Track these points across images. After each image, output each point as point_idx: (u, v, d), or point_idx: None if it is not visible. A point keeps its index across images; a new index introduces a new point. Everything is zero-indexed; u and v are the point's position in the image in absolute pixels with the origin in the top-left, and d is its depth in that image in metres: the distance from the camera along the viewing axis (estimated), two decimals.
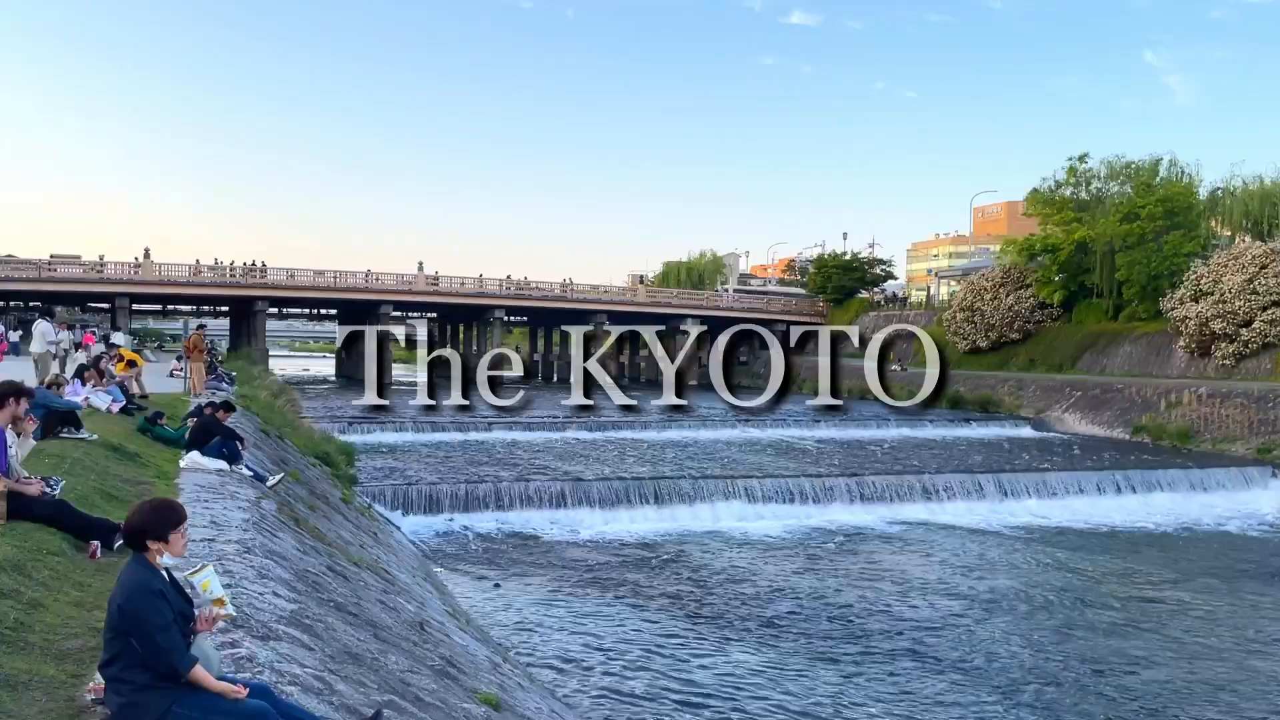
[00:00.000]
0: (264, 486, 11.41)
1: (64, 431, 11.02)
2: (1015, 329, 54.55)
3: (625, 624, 13.56)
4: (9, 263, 57.48)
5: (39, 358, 19.21)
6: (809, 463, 27.76)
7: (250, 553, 7.50)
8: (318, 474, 18.26)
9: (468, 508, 20.71)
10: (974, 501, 23.83)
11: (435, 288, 65.03)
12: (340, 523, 14.02)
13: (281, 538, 9.10)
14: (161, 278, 57.77)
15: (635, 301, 73.51)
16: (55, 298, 59.92)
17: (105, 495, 8.40)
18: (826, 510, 22.35)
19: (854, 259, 77.37)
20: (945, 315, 59.98)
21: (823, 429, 36.96)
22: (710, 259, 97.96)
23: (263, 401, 25.14)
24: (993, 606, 15.21)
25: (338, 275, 62.24)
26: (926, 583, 16.68)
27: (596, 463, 26.32)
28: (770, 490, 22.89)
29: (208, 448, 11.54)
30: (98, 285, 57.22)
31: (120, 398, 15.35)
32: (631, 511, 21.21)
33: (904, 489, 23.97)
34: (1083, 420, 40.61)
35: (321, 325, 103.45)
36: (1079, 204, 54.16)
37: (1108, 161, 54.18)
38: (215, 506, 9.13)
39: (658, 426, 35.86)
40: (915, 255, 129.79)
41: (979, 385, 48.90)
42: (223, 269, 60.07)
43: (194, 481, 10.42)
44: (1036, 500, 24.28)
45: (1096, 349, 49.82)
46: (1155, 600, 16.15)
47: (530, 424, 34.74)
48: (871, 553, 18.99)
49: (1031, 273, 55.50)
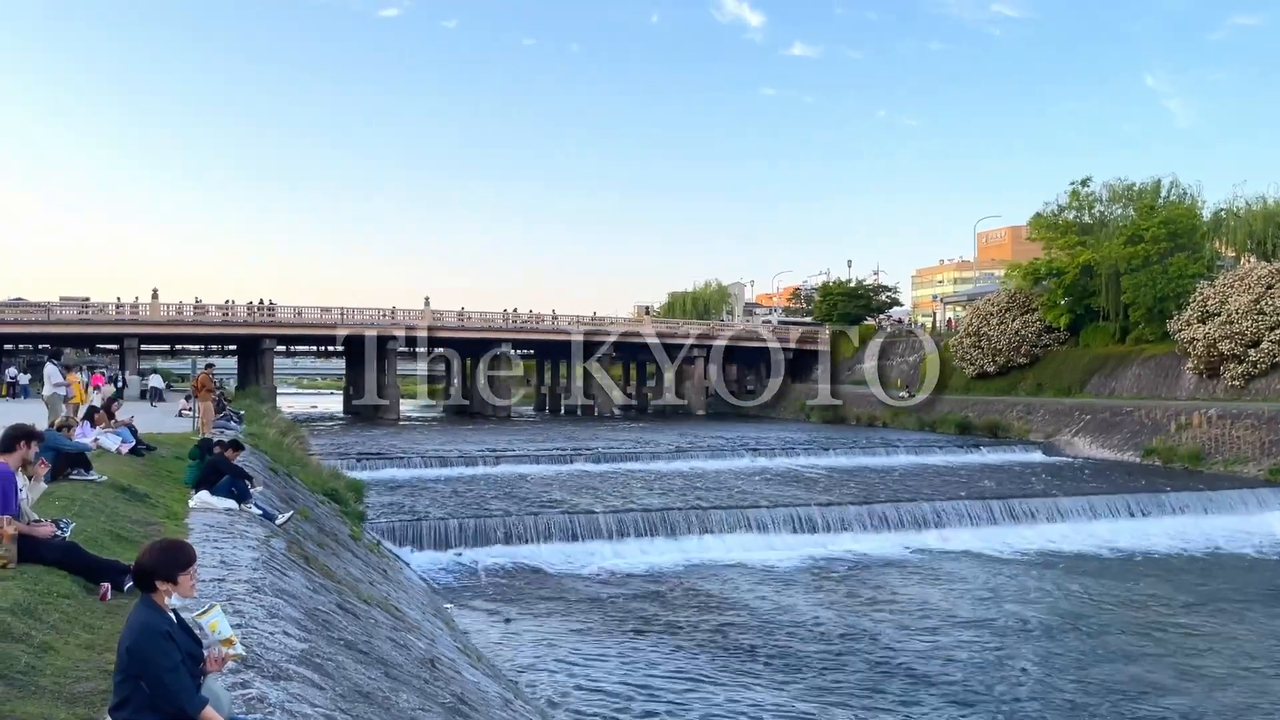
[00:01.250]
0: (273, 525, 11.40)
1: (74, 473, 11.04)
2: (1022, 353, 54.46)
3: (637, 659, 13.46)
4: (18, 305, 57.87)
5: (48, 400, 19.28)
6: (819, 491, 27.64)
7: (260, 592, 7.48)
8: (326, 511, 18.23)
9: (477, 542, 20.65)
10: (985, 528, 23.70)
11: (441, 323, 65.22)
12: (349, 560, 13.99)
13: (291, 576, 9.09)
14: (169, 318, 58.08)
15: (641, 332, 73.57)
16: (64, 340, 60.25)
17: (115, 537, 8.40)
18: (838, 539, 22.24)
19: (859, 286, 77.58)
20: (951, 341, 59.94)
21: (831, 457, 36.84)
22: (715, 289, 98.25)
23: (271, 439, 25.15)
24: (1008, 634, 15.09)
25: (344, 312, 62.50)
26: (940, 611, 16.56)
27: (605, 495, 26.24)
28: (781, 520, 22.79)
29: (217, 487, 11.55)
30: (106, 327, 57.52)
31: (130, 439, 15.39)
32: (641, 543, 21.12)
33: (915, 516, 23.84)
34: (1093, 444, 40.43)
35: (329, 362, 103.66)
36: (1082, 227, 54.25)
37: (1110, 185, 54.40)
38: (225, 546, 9.12)
39: (666, 458, 35.78)
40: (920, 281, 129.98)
41: (987, 410, 48.73)
42: (230, 308, 60.34)
43: (203, 521, 10.42)
44: (1048, 525, 24.14)
45: (1104, 372, 49.68)
46: (1170, 625, 15.99)
47: (538, 457, 34.70)
48: (884, 581, 18.87)
49: (1037, 297, 55.51)
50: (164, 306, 58.04)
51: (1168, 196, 52.04)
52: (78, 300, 61.03)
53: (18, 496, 6.93)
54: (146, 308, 57.59)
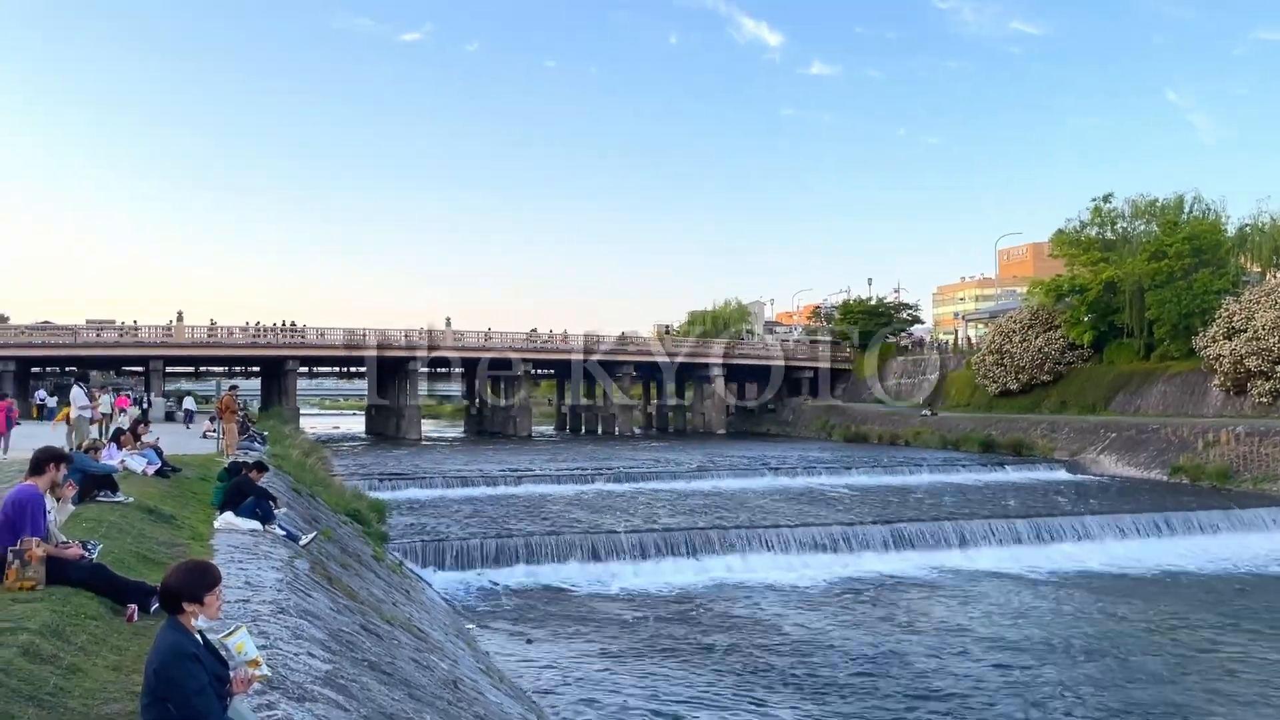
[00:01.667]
0: (297, 546, 11.45)
1: (101, 495, 11.14)
2: (1046, 370, 54.09)
3: (660, 681, 13.37)
4: (45, 329, 58.58)
5: (74, 423, 19.48)
6: (841, 511, 27.47)
7: (285, 613, 7.51)
8: (349, 532, 18.29)
9: (499, 562, 20.63)
10: (1011, 547, 23.45)
11: (462, 343, 65.50)
12: (372, 580, 14.02)
13: (315, 597, 9.11)
14: (193, 340, 58.66)
15: (661, 351, 73.58)
16: (90, 362, 60.94)
17: (141, 558, 8.46)
18: (861, 559, 22.07)
19: (879, 304, 77.31)
20: (974, 358, 59.61)
21: (853, 476, 36.65)
22: (735, 307, 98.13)
23: (294, 460, 25.31)
24: (1038, 656, 14.89)
25: (366, 333, 62.92)
26: (969, 632, 16.38)
27: (626, 514, 26.18)
28: (803, 539, 22.64)
29: (241, 508, 11.62)
30: (131, 349, 58.14)
31: (155, 460, 15.51)
32: (663, 563, 21.03)
33: (939, 535, 23.63)
34: (1118, 462, 40.01)
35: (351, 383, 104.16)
36: (1105, 244, 53.95)
37: (1132, 201, 54.13)
38: (249, 567, 9.16)
39: (687, 477, 35.69)
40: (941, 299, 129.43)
41: (1011, 428, 48.35)
42: (253, 330, 60.85)
43: (228, 542, 10.48)
44: (1075, 545, 23.86)
45: (1129, 389, 49.24)
46: (1202, 646, 15.75)
47: (559, 477, 34.72)
48: (909, 602, 18.69)
49: (1060, 314, 55.16)
50: (189, 329, 58.63)
51: (1191, 212, 51.71)
52: (104, 323, 61.74)
53: (46, 519, 6.99)
54: (171, 330, 58.17)
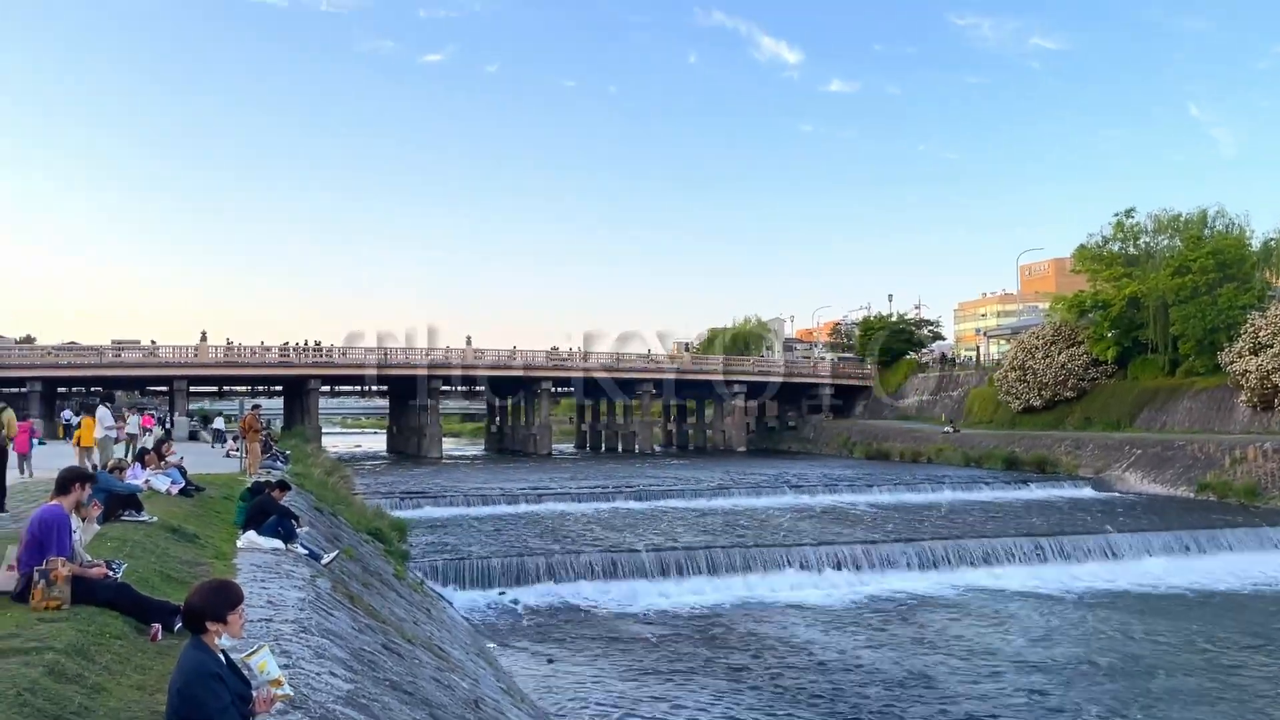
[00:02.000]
0: (319, 565, 11.47)
1: (125, 514, 11.22)
2: (1069, 387, 53.65)
3: (682, 701, 13.29)
4: (72, 349, 59.25)
5: (100, 443, 19.64)
6: (863, 529, 27.29)
7: (307, 632, 7.51)
8: (371, 550, 18.33)
9: (519, 581, 20.61)
10: (1036, 566, 23.23)
11: (482, 361, 65.72)
12: (394, 599, 14.02)
13: (337, 616, 9.12)
14: (217, 360, 59.12)
15: (682, 369, 73.57)
16: (116, 382, 61.48)
17: (165, 577, 8.49)
18: (884, 577, 21.90)
19: (900, 320, 76.97)
20: (997, 375, 59.19)
21: (875, 493, 36.42)
22: (755, 325, 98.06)
23: (316, 479, 25.41)
24: (1065, 677, 14.70)
25: (387, 352, 63.24)
26: (995, 652, 16.20)
27: (647, 533, 26.10)
28: (826, 558, 22.49)
29: (264, 527, 11.67)
30: (156, 369, 58.70)
31: (179, 480, 15.61)
32: (684, 582, 20.95)
33: (963, 554, 23.43)
34: (1144, 479, 39.58)
35: (372, 402, 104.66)
36: (1128, 259, 53.58)
37: (1155, 215, 53.74)
38: (272, 586, 9.19)
39: (707, 495, 35.56)
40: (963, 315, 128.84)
41: (1035, 445, 47.95)
42: (276, 349, 61.28)
43: (251, 561, 10.52)
44: (1101, 563, 23.61)
45: (1154, 405, 48.76)
46: (1231, 666, 15.51)
47: (579, 495, 34.68)
48: (933, 621, 18.51)
49: (1083, 329, 54.75)
50: (212, 348, 59.12)
51: (1214, 226, 51.27)
52: (128, 343, 62.36)
53: (72, 538, 7.04)
54: (195, 350, 58.68)
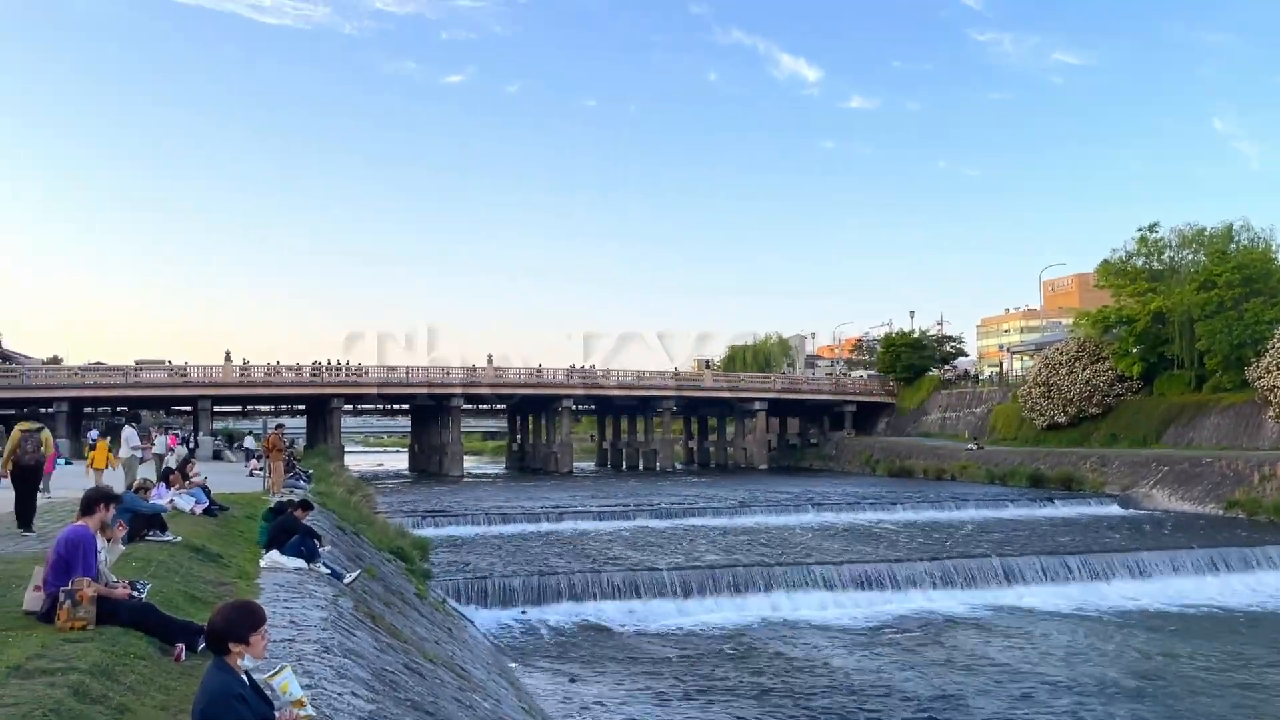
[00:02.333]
0: (341, 584, 11.49)
1: (150, 534, 11.28)
2: (1094, 403, 53.17)
3: None
4: (98, 369, 59.89)
5: (125, 463, 19.80)
6: (887, 547, 27.08)
7: (329, 652, 7.52)
8: (393, 569, 18.35)
9: (541, 600, 20.59)
10: (1062, 584, 22.97)
11: (503, 379, 65.90)
12: (416, 619, 14.02)
13: (359, 636, 9.12)
14: (241, 379, 59.57)
15: (702, 387, 73.47)
16: (141, 402, 62.00)
17: (189, 597, 8.53)
18: (908, 597, 21.72)
19: (922, 336, 76.52)
20: (1021, 391, 58.74)
21: (899, 511, 36.16)
22: (776, 342, 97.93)
23: (338, 498, 25.51)
24: (1095, 697, 14.49)
25: (409, 371, 63.53)
26: (1023, 672, 16.00)
27: (668, 551, 26.02)
28: (849, 577, 22.34)
29: (287, 546, 11.71)
30: (181, 389, 59.21)
31: (204, 499, 15.70)
32: (706, 601, 20.85)
33: (988, 572, 23.21)
34: (1172, 496, 39.11)
35: (394, 420, 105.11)
36: (1152, 274, 53.13)
37: (1179, 230, 53.28)
38: (294, 606, 9.20)
39: (729, 513, 35.44)
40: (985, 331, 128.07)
41: (1060, 462, 47.52)
42: (299, 368, 61.69)
43: (274, 581, 10.55)
44: (1129, 582, 23.32)
45: (1181, 422, 48.22)
46: (1264, 686, 15.25)
47: (600, 513, 34.63)
48: (958, 641, 18.32)
49: (1108, 345, 54.27)
50: (236, 368, 59.59)
51: (1240, 241, 50.79)
52: (153, 363, 62.99)
53: (97, 559, 7.09)
54: (219, 370, 59.17)
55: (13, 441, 12.94)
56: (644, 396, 69.98)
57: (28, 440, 12.87)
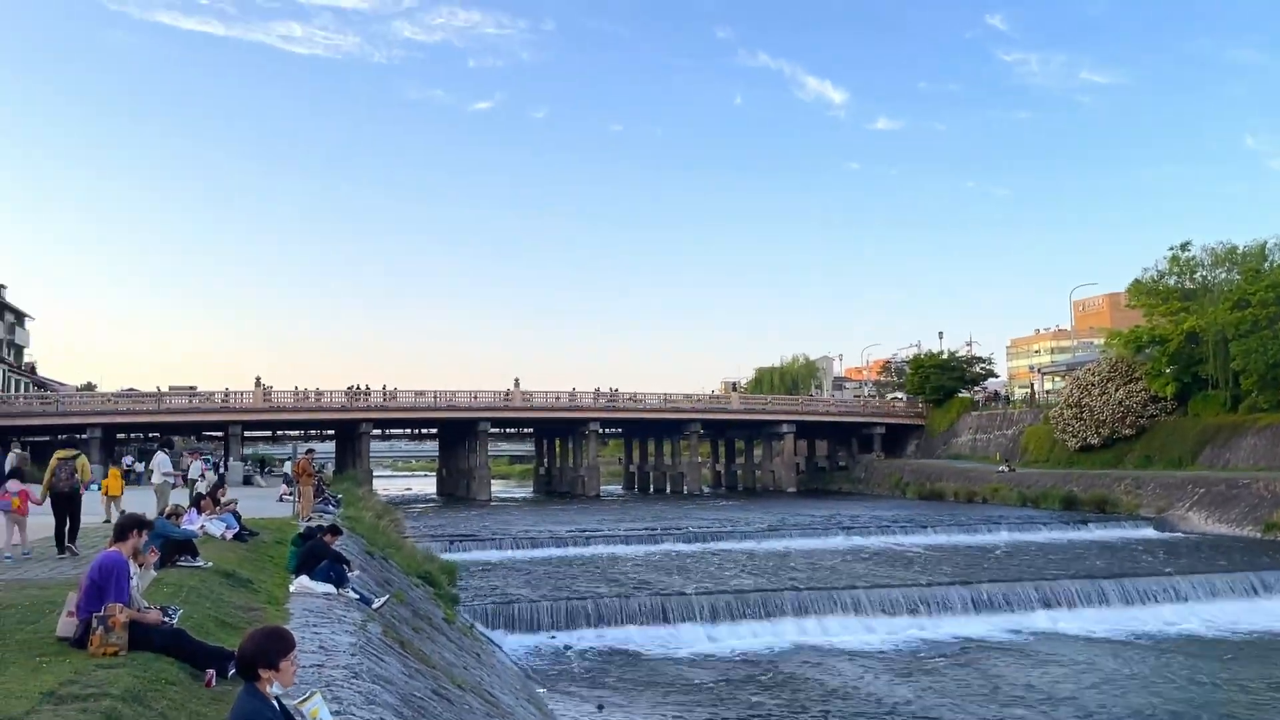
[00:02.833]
0: (370, 609, 11.50)
1: (181, 560, 11.37)
2: (1127, 424, 52.50)
3: None
4: (130, 396, 60.65)
5: (158, 488, 20.00)
6: (918, 571, 26.78)
7: (358, 678, 7.52)
8: (421, 594, 18.36)
9: (569, 624, 20.49)
10: (1098, 609, 22.58)
11: (530, 404, 66.07)
12: (444, 644, 14.01)
13: (388, 661, 9.12)
14: (270, 405, 60.10)
15: (729, 409, 73.29)
16: (172, 428, 62.81)
17: (220, 623, 8.57)
18: (940, 621, 21.43)
19: (951, 358, 75.99)
20: (1052, 412, 58.12)
21: (930, 535, 35.80)
22: (803, 364, 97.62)
23: (367, 523, 25.58)
24: None
25: (437, 395, 63.86)
26: (1059, 700, 15.71)
27: (696, 576, 25.87)
28: (880, 601, 22.08)
29: (316, 571, 11.75)
30: (211, 415, 59.87)
31: (234, 525, 15.81)
32: (735, 626, 20.67)
33: (1021, 597, 22.87)
34: (1208, 519, 38.46)
35: (422, 445, 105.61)
36: (1185, 293, 52.55)
37: (1211, 249, 52.73)
38: (323, 631, 9.22)
39: (758, 537, 35.22)
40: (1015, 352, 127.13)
41: (1094, 484, 46.89)
42: (327, 394, 62.16)
43: (303, 606, 10.58)
44: (1166, 606, 22.89)
45: (1217, 443, 47.48)
46: None
47: (628, 537, 34.53)
48: (992, 667, 18.04)
49: (1140, 365, 53.65)
50: (267, 394, 60.13)
51: (1274, 259, 50.17)
52: (185, 389, 63.71)
53: (130, 584, 7.14)
54: (249, 395, 59.72)
55: (50, 469, 13.45)
56: (671, 419, 69.92)
57: (63, 468, 13.44)
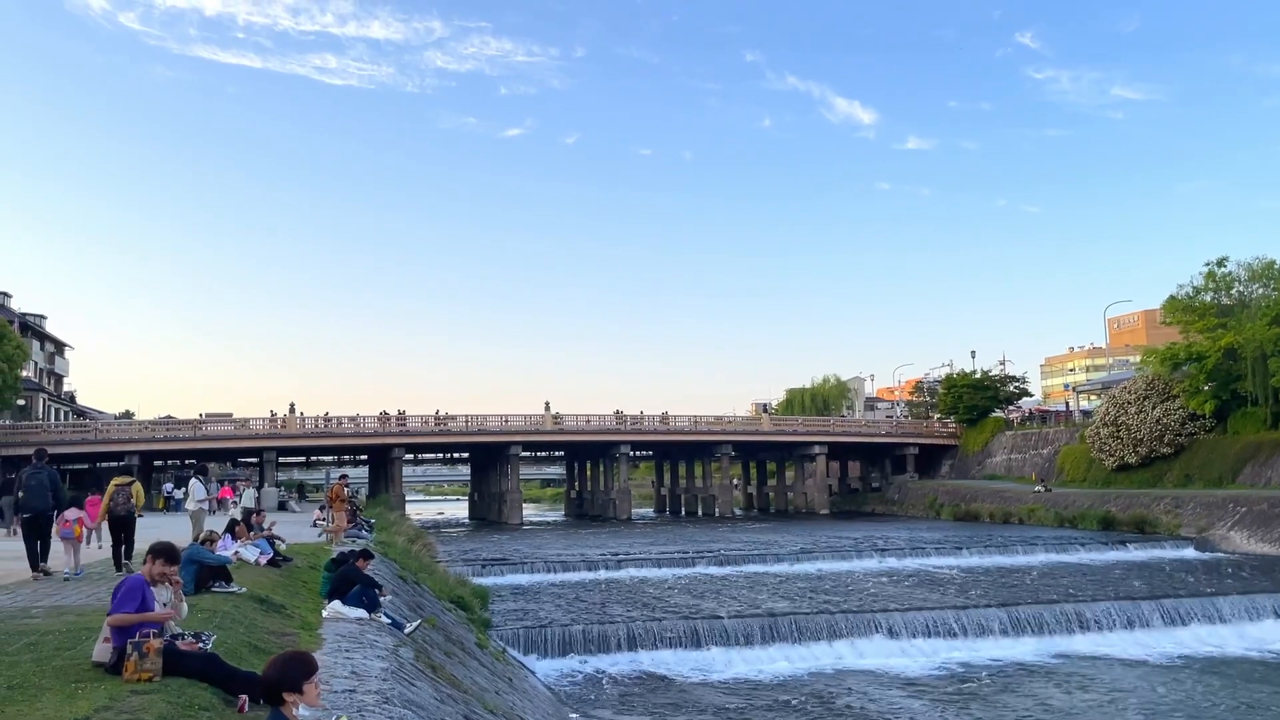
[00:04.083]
0: (402, 634, 11.53)
1: (215, 585, 11.46)
2: (1166, 443, 51.65)
3: None
4: (167, 423, 61.47)
5: (193, 515, 20.21)
6: (954, 593, 26.44)
7: (389, 703, 7.53)
8: (453, 619, 18.38)
9: (600, 649, 20.42)
10: (1138, 631, 22.20)
11: (561, 427, 66.15)
12: (475, 668, 14.00)
13: (419, 686, 9.13)
14: (304, 430, 60.64)
15: (760, 431, 72.97)
16: (208, 454, 63.40)
17: (253, 648, 8.62)
18: (977, 644, 21.14)
19: (985, 377, 75.20)
20: (1088, 431, 57.33)
21: (965, 556, 35.34)
22: (834, 384, 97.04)
23: (400, 547, 25.69)
24: None
25: (468, 419, 64.14)
26: None
27: (728, 599, 25.70)
28: (916, 625, 21.83)
29: (348, 596, 11.81)
30: (246, 441, 60.45)
31: (268, 550, 15.93)
32: (768, 650, 20.50)
33: (1060, 619, 22.52)
34: (1251, 538, 37.67)
35: (454, 469, 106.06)
36: (1222, 309, 51.77)
37: (1248, 264, 51.96)
38: (355, 656, 9.25)
39: (790, 559, 34.93)
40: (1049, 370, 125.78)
41: (1132, 504, 46.15)
42: (360, 420, 62.61)
43: (335, 631, 10.62)
44: (1208, 627, 22.46)
45: (1258, 461, 46.58)
46: None
47: (659, 560, 34.35)
48: (1032, 691, 17.75)
49: (1178, 383, 52.82)
50: (300, 420, 60.68)
51: None
52: (220, 416, 64.44)
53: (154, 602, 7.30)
54: (283, 421, 60.29)
55: (108, 494, 14.71)
56: (702, 441, 69.73)
57: (119, 493, 14.65)
